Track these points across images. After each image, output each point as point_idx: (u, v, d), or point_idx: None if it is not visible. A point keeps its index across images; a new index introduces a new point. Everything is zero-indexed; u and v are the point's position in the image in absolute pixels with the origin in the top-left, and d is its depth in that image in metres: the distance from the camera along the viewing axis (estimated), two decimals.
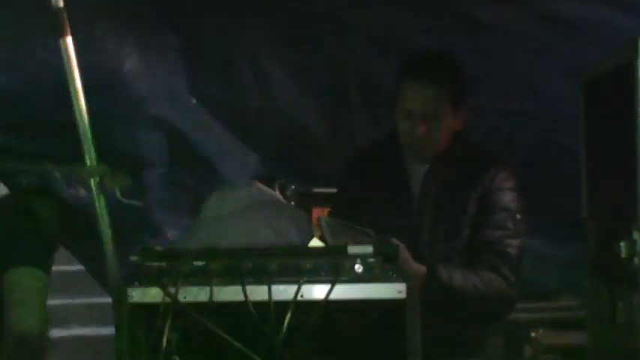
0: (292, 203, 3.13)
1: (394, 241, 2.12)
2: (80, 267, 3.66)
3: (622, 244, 1.85)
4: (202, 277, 1.80)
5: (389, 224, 2.31)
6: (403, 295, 1.76)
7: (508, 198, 2.46)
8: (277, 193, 2.73)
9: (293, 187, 3.26)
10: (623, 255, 1.84)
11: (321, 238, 2.09)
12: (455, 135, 2.51)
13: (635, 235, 1.84)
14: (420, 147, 2.47)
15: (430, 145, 2.47)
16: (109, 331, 1.94)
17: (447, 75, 2.47)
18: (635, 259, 1.83)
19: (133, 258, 1.87)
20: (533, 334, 2.75)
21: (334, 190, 2.90)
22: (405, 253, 2.21)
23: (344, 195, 2.68)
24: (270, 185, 2.76)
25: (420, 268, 2.26)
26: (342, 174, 2.73)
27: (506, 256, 2.40)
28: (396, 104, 2.52)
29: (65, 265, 4.02)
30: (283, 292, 1.77)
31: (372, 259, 1.80)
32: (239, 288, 1.76)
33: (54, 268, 2.91)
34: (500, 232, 2.42)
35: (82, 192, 3.26)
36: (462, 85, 2.50)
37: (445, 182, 2.47)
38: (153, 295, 1.80)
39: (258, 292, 1.76)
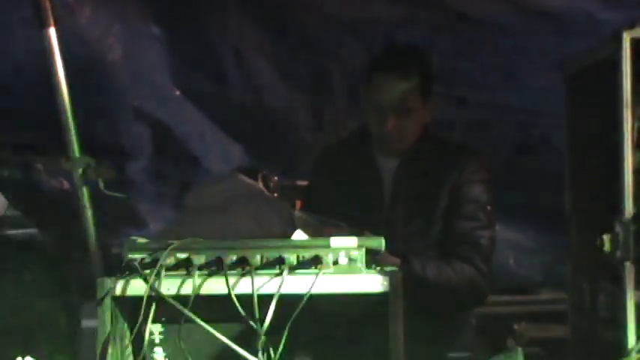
0: (276, 195, 3.13)
1: (367, 233, 2.12)
2: None
3: (605, 237, 1.85)
4: (185, 270, 1.79)
5: (361, 218, 2.30)
6: (386, 288, 1.76)
7: (478, 190, 2.48)
8: (260, 185, 2.71)
9: (276, 178, 3.26)
10: (606, 248, 1.85)
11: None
12: (425, 128, 2.51)
13: (618, 228, 1.85)
14: (390, 140, 2.47)
15: (400, 139, 2.47)
16: (92, 324, 1.93)
17: (417, 68, 2.47)
18: (618, 253, 1.84)
19: (116, 250, 1.86)
20: (516, 327, 2.76)
21: None
22: None
23: (315, 190, 2.67)
24: (254, 177, 2.74)
25: (393, 260, 2.26)
26: (313, 169, 2.72)
27: (478, 246, 2.42)
28: (365, 97, 2.51)
29: None
30: (267, 284, 1.76)
31: (355, 252, 1.80)
32: (222, 280, 1.75)
33: None
34: (471, 223, 2.44)
35: (65, 183, 3.25)
36: (431, 77, 2.51)
37: (416, 176, 2.48)
38: (135, 287, 1.79)
39: (241, 285, 1.75)
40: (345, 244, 1.81)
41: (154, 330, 1.81)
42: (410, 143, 2.49)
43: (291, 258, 1.79)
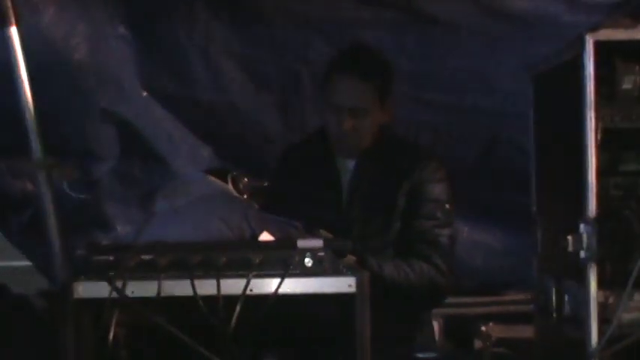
0: (245, 196, 3.11)
1: (322, 232, 2.12)
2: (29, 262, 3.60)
3: (569, 237, 1.87)
4: (150, 272, 1.77)
5: (319, 219, 2.31)
6: (353, 289, 1.76)
7: (437, 189, 2.50)
8: (230, 187, 2.70)
9: (246, 180, 3.24)
10: (570, 249, 1.87)
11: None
12: (382, 129, 2.54)
13: (582, 229, 1.87)
14: (347, 141, 2.50)
15: (358, 139, 2.50)
16: None
17: (375, 70, 2.50)
18: (582, 253, 1.86)
19: (80, 252, 1.84)
20: (483, 328, 2.78)
21: None
22: None
23: (275, 189, 2.67)
24: (223, 178, 2.73)
25: (349, 259, 2.26)
26: (273, 170, 2.73)
27: (437, 245, 2.44)
28: (324, 98, 2.53)
29: (14, 260, 3.94)
30: (232, 285, 1.75)
31: (321, 253, 1.80)
32: (187, 282, 1.74)
33: (2, 264, 2.86)
34: (430, 222, 2.46)
35: (29, 185, 3.20)
36: (389, 79, 2.54)
37: (374, 176, 2.50)
38: (99, 289, 1.77)
39: (206, 286, 1.74)
40: (312, 246, 1.81)
41: (118, 332, 1.80)
42: (367, 143, 2.51)
43: (257, 259, 1.79)
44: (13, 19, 2.66)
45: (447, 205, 2.50)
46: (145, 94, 3.29)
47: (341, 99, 2.46)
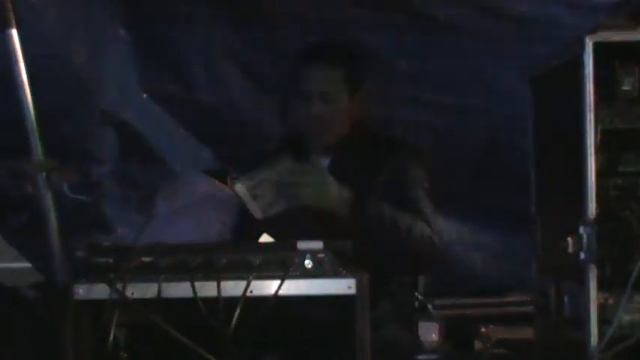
0: None
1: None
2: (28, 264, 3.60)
3: (568, 239, 1.87)
4: (150, 273, 1.77)
5: (296, 219, 2.30)
6: (353, 291, 1.76)
7: (412, 171, 2.52)
8: (230, 188, 2.70)
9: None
10: (570, 250, 1.87)
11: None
12: (356, 124, 2.54)
13: (581, 230, 1.87)
14: (318, 130, 2.49)
15: (328, 128, 2.50)
16: None
17: (343, 57, 2.53)
18: (581, 254, 1.86)
19: (80, 254, 1.84)
20: (482, 329, 2.78)
21: None
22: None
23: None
24: (223, 179, 2.73)
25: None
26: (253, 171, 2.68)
27: (422, 213, 2.45)
28: (293, 92, 2.54)
29: (12, 262, 3.94)
30: (233, 287, 1.75)
31: (321, 255, 1.80)
32: (188, 284, 1.74)
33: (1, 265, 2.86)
34: (414, 197, 2.46)
35: (29, 187, 3.20)
36: (361, 71, 2.55)
37: (349, 172, 2.49)
38: (99, 291, 1.77)
39: (207, 288, 1.75)
40: (312, 247, 1.82)
41: (118, 334, 1.80)
42: (340, 138, 2.51)
43: (257, 261, 1.79)
44: (13, 22, 2.66)
45: (426, 185, 2.52)
46: (144, 95, 3.30)
47: (309, 84, 2.49)
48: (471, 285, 3.44)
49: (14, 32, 2.67)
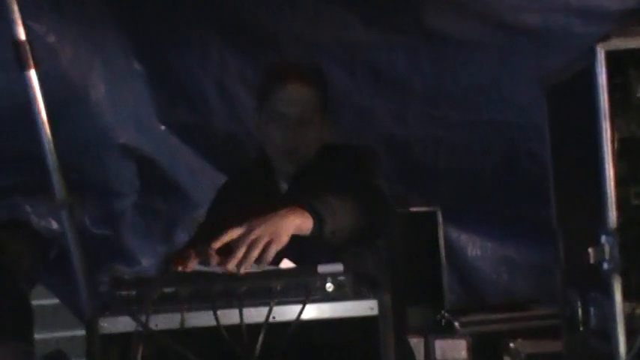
0: None
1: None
2: (57, 300, 3.62)
3: (590, 250, 1.86)
4: (172, 304, 1.78)
5: None
6: (375, 312, 1.75)
7: (370, 163, 2.38)
8: None
9: None
10: (592, 260, 1.85)
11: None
12: (320, 148, 2.44)
13: (603, 239, 1.85)
14: (291, 153, 2.37)
15: (301, 152, 2.38)
16: None
17: (316, 81, 2.42)
18: (604, 264, 1.84)
19: (103, 288, 1.85)
20: (511, 345, 2.75)
21: None
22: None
23: (211, 218, 2.53)
24: None
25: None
26: (213, 199, 2.59)
27: (375, 188, 2.25)
28: (262, 111, 2.41)
29: (43, 299, 3.97)
30: (255, 314, 1.75)
31: (342, 278, 1.79)
32: (210, 312, 1.74)
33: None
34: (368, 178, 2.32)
35: (54, 223, 3.23)
36: (327, 92, 2.46)
37: (311, 184, 2.36)
38: (124, 324, 1.77)
39: (229, 316, 1.74)
40: (332, 270, 1.81)
41: None
42: (304, 156, 2.39)
43: (279, 286, 1.79)
44: (32, 63, 2.71)
45: (382, 180, 2.33)
46: (162, 127, 3.32)
47: (288, 107, 2.33)
48: (496, 300, 3.42)
49: (33, 73, 2.72)
